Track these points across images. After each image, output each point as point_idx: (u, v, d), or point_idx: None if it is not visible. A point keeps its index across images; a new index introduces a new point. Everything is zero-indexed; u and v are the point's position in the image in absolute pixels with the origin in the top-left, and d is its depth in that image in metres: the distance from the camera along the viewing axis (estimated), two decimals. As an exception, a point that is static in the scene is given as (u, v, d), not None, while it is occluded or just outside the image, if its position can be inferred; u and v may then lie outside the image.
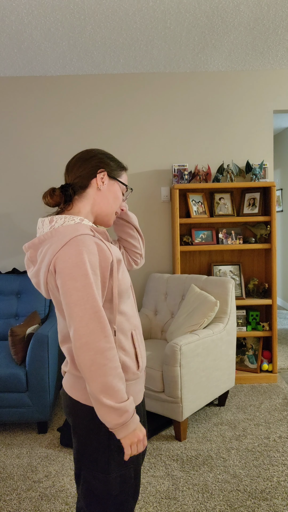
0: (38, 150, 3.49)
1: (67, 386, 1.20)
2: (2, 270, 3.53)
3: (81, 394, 1.16)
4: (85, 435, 1.16)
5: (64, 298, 1.05)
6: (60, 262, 1.06)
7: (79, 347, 1.03)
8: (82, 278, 1.04)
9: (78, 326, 1.03)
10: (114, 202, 1.26)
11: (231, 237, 3.38)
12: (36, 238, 1.16)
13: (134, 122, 3.49)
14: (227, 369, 2.80)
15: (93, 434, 1.14)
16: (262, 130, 3.51)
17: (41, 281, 1.13)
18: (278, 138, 6.02)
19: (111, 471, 1.15)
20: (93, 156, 1.23)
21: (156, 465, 2.28)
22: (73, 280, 1.04)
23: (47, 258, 1.09)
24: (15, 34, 2.72)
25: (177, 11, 2.51)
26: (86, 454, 1.17)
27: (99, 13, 2.51)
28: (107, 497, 1.16)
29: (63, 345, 1.21)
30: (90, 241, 1.08)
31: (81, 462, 1.19)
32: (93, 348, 1.02)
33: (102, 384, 1.02)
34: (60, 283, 1.06)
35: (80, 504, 1.25)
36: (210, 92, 3.49)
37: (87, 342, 1.02)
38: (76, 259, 1.04)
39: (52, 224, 1.15)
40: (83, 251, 1.05)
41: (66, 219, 1.15)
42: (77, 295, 1.03)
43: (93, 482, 1.16)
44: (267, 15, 2.59)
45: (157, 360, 2.60)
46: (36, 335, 2.57)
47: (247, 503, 1.96)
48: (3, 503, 2.01)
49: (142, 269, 3.57)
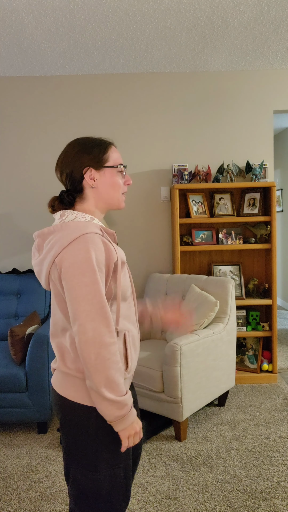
0: (38, 150, 3.49)
1: (56, 384, 1.21)
2: (2, 270, 3.53)
3: (69, 392, 1.16)
4: (73, 432, 1.16)
5: (70, 293, 1.06)
6: (68, 257, 1.07)
7: (84, 341, 1.05)
8: (90, 273, 1.06)
9: (84, 320, 1.05)
10: (114, 189, 1.23)
11: (231, 237, 3.38)
12: (46, 228, 1.17)
13: (134, 122, 3.49)
14: (227, 369, 2.80)
15: (81, 431, 1.15)
16: (262, 130, 3.51)
17: (43, 271, 1.14)
18: (278, 138, 6.02)
19: (100, 470, 1.15)
20: (75, 154, 1.19)
21: (156, 465, 2.28)
22: (81, 275, 1.05)
23: (54, 250, 1.10)
24: (15, 34, 2.72)
25: (177, 11, 2.51)
26: (74, 452, 1.17)
27: (99, 13, 2.51)
28: (97, 496, 1.15)
29: (54, 339, 1.21)
30: (98, 240, 1.09)
31: (70, 460, 1.19)
32: (98, 343, 1.04)
33: (105, 378, 1.05)
34: (67, 277, 1.07)
35: (71, 504, 1.24)
36: (210, 92, 3.49)
37: (93, 337, 1.04)
38: (85, 255, 1.06)
39: (62, 218, 1.17)
40: (91, 248, 1.07)
41: (77, 215, 1.17)
42: (85, 290, 1.05)
43: (82, 481, 1.16)
44: (267, 15, 2.59)
45: (157, 360, 2.60)
46: (35, 335, 2.57)
47: (247, 503, 1.96)
48: (3, 503, 2.01)
49: (142, 269, 3.57)
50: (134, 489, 2.08)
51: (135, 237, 3.55)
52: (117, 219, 3.54)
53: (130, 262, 3.57)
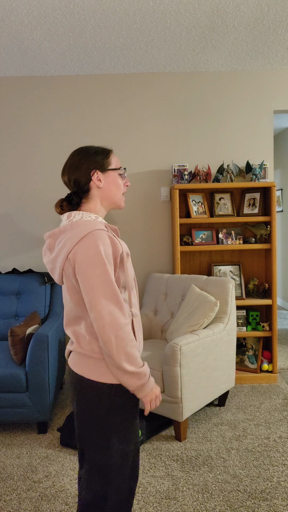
0: (38, 150, 3.49)
1: (72, 364, 1.34)
2: (2, 270, 3.53)
3: (85, 370, 1.29)
4: (88, 409, 1.29)
5: (85, 284, 1.21)
6: (80, 252, 1.21)
7: (102, 325, 1.19)
8: (101, 265, 1.20)
9: (100, 307, 1.19)
10: (117, 189, 1.39)
11: (231, 237, 3.38)
12: (56, 229, 1.32)
13: (134, 122, 3.49)
14: (227, 369, 2.80)
15: (95, 408, 1.28)
16: (262, 130, 3.51)
17: (57, 267, 1.28)
18: (278, 138, 6.02)
19: (112, 445, 1.29)
20: (81, 159, 1.34)
21: (156, 465, 2.28)
22: (93, 268, 1.19)
23: (67, 247, 1.24)
24: (15, 34, 2.72)
25: (177, 11, 2.51)
26: (89, 426, 1.30)
27: (99, 13, 2.51)
28: (109, 470, 1.29)
29: (68, 328, 1.35)
30: (105, 235, 1.24)
31: (84, 437, 1.32)
32: (114, 325, 1.19)
33: (124, 354, 1.20)
34: (82, 270, 1.21)
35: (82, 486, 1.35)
36: (210, 92, 3.49)
37: (110, 321, 1.19)
38: (95, 249, 1.20)
39: (70, 218, 1.30)
40: (100, 243, 1.21)
41: (84, 215, 1.31)
42: (98, 280, 1.19)
43: (96, 458, 1.30)
44: (267, 15, 2.59)
45: (157, 360, 2.60)
46: (36, 335, 2.57)
47: (247, 503, 1.96)
48: (3, 503, 2.01)
49: (142, 269, 3.57)
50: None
51: (135, 237, 3.55)
52: (117, 219, 3.54)
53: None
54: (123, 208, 3.52)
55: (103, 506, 1.31)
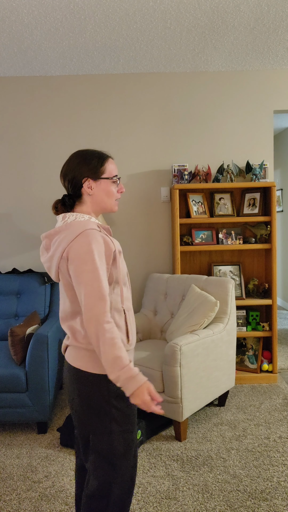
0: (38, 150, 3.49)
1: (70, 358, 1.39)
2: (2, 270, 3.53)
3: (81, 363, 1.35)
4: (88, 400, 1.35)
5: (76, 279, 1.27)
6: (73, 250, 1.28)
7: (87, 318, 1.25)
8: (91, 262, 1.26)
9: (87, 301, 1.25)
10: (108, 197, 1.43)
11: (231, 237, 3.38)
12: (52, 230, 1.38)
13: (134, 122, 3.49)
14: (227, 369, 2.80)
15: (94, 397, 1.34)
16: (262, 130, 3.51)
17: (53, 266, 1.35)
18: (278, 138, 6.02)
19: (114, 432, 1.35)
20: (76, 165, 1.40)
21: (156, 465, 2.28)
22: (84, 264, 1.26)
23: (62, 246, 1.31)
24: (15, 34, 2.72)
25: (177, 11, 2.51)
26: (90, 418, 1.36)
27: (99, 13, 2.51)
28: (113, 456, 1.35)
29: (64, 323, 1.41)
30: (97, 234, 1.31)
31: (88, 428, 1.37)
32: (97, 320, 1.24)
33: (103, 351, 1.23)
34: (73, 267, 1.27)
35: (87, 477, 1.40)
36: (210, 92, 3.49)
37: (93, 315, 1.24)
38: (87, 247, 1.27)
39: (65, 219, 1.38)
40: (92, 241, 1.28)
41: (77, 216, 1.38)
42: (87, 276, 1.26)
43: (100, 445, 1.36)
44: (267, 15, 2.59)
45: (157, 360, 2.60)
46: (36, 335, 2.57)
47: (247, 503, 1.96)
48: (3, 503, 2.01)
49: (142, 269, 3.57)
50: (134, 489, 2.08)
51: (135, 237, 3.55)
52: (117, 219, 3.54)
53: (130, 262, 3.57)
54: (123, 208, 3.52)
55: (108, 494, 1.36)
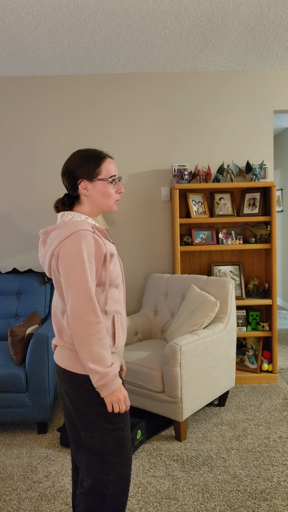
0: (38, 150, 3.49)
1: (57, 357, 1.41)
2: (2, 270, 3.53)
3: (68, 363, 1.35)
4: (77, 398, 1.35)
5: (64, 279, 1.28)
6: (64, 250, 1.28)
7: (73, 319, 1.25)
8: (80, 264, 1.26)
9: (73, 302, 1.25)
10: (104, 198, 1.42)
11: (231, 237, 3.38)
12: (49, 226, 1.39)
13: (134, 122, 3.49)
14: (227, 369, 2.80)
15: (82, 396, 1.34)
16: (262, 130, 3.51)
17: (46, 262, 1.36)
18: (278, 138, 6.02)
19: (105, 429, 1.34)
20: (73, 166, 1.40)
21: (156, 465, 2.28)
22: (73, 265, 1.26)
23: (54, 244, 1.32)
24: (15, 34, 2.72)
25: (177, 11, 2.51)
26: (80, 416, 1.36)
27: (99, 13, 2.51)
28: (104, 454, 1.35)
29: (54, 319, 1.41)
30: (89, 236, 1.30)
31: (79, 425, 1.37)
32: (84, 321, 1.25)
33: (89, 351, 1.24)
34: (62, 266, 1.28)
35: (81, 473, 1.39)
36: (210, 92, 3.49)
37: (80, 316, 1.25)
38: (77, 248, 1.27)
39: (63, 218, 1.39)
40: (83, 242, 1.28)
41: (74, 215, 1.38)
42: (75, 277, 1.26)
43: (91, 441, 1.35)
44: (267, 15, 2.59)
45: (157, 360, 2.60)
46: (36, 335, 2.57)
47: (247, 503, 1.96)
48: (3, 503, 2.01)
49: (142, 269, 3.57)
50: (134, 489, 2.08)
51: (135, 237, 3.55)
52: (117, 219, 3.54)
53: (130, 262, 3.57)
54: (123, 207, 3.52)
55: (103, 492, 1.35)
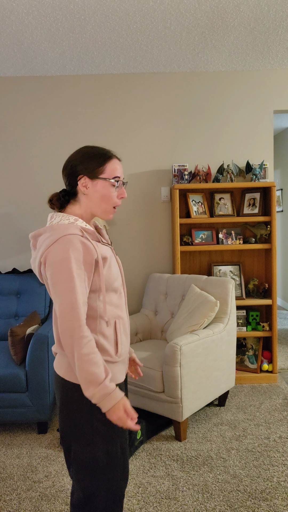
0: (38, 150, 3.49)
1: (55, 365, 1.34)
2: (2, 270, 3.53)
3: (64, 371, 1.29)
4: (71, 410, 1.28)
5: (51, 288, 1.21)
6: (50, 257, 1.20)
7: (62, 330, 1.18)
8: (66, 271, 1.18)
9: (62, 312, 1.18)
10: (102, 201, 1.31)
11: (231, 237, 3.38)
12: (37, 230, 1.31)
13: (134, 122, 3.49)
14: (227, 369, 2.80)
15: (78, 408, 1.27)
16: (262, 130, 3.51)
17: (36, 268, 1.30)
18: (278, 138, 6.02)
19: (97, 444, 1.26)
20: (70, 163, 1.31)
21: (156, 465, 2.28)
22: (59, 273, 1.18)
23: (41, 250, 1.24)
24: (15, 34, 2.72)
25: (177, 11, 2.51)
26: (72, 428, 1.28)
27: (99, 13, 2.51)
28: (96, 469, 1.27)
29: (54, 325, 1.35)
30: (76, 240, 1.21)
31: (69, 436, 1.30)
32: (70, 334, 1.17)
33: (78, 366, 1.16)
34: (49, 274, 1.20)
35: (73, 486, 1.34)
36: (210, 92, 3.49)
37: (67, 328, 1.17)
38: (63, 255, 1.18)
39: (51, 220, 1.30)
40: (69, 248, 1.19)
41: (62, 217, 1.28)
42: (62, 285, 1.18)
43: (82, 455, 1.28)
44: (267, 15, 2.59)
45: (157, 360, 2.60)
46: (36, 335, 2.57)
47: (247, 503, 1.96)
48: (3, 503, 2.01)
49: (142, 269, 3.57)
50: (134, 489, 2.08)
51: (135, 237, 3.55)
52: (117, 219, 3.54)
53: (130, 262, 3.57)
54: (123, 207, 3.52)
55: (93, 505, 1.29)
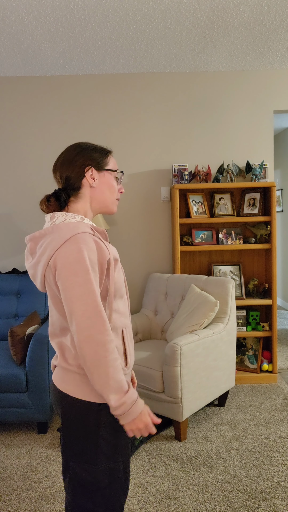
0: (38, 150, 3.49)
1: (56, 379, 1.22)
2: (2, 270, 3.53)
3: (70, 387, 1.17)
4: (73, 427, 1.17)
5: (65, 293, 1.08)
6: (61, 258, 1.09)
7: (82, 340, 1.06)
8: (83, 273, 1.07)
9: (80, 319, 1.06)
10: (110, 192, 1.27)
11: (231, 237, 3.38)
12: (37, 231, 1.19)
13: (134, 122, 3.49)
14: (227, 369, 2.80)
15: (81, 426, 1.16)
16: (262, 130, 3.51)
17: (38, 274, 1.17)
18: (278, 138, 6.02)
19: (99, 463, 1.16)
20: (77, 154, 1.23)
21: (156, 465, 2.28)
22: (74, 276, 1.07)
23: (47, 253, 1.12)
24: (15, 34, 2.72)
25: (177, 11, 2.51)
26: (74, 446, 1.18)
27: (99, 13, 2.51)
28: (96, 489, 1.17)
29: (53, 339, 1.23)
30: (89, 239, 1.11)
31: (70, 454, 1.20)
32: (95, 341, 1.06)
33: (104, 375, 1.06)
34: (62, 278, 1.08)
35: (67, 499, 1.25)
36: (210, 92, 3.49)
37: (90, 335, 1.06)
38: (77, 255, 1.08)
39: (53, 220, 1.18)
40: (83, 248, 1.09)
41: (67, 216, 1.17)
42: (79, 290, 1.07)
43: (81, 474, 1.17)
44: (267, 15, 2.59)
45: (157, 360, 2.60)
46: (36, 335, 2.57)
47: (247, 503, 1.96)
48: (3, 503, 2.01)
49: (142, 269, 3.57)
50: (134, 489, 2.08)
51: (135, 237, 3.55)
52: (117, 219, 3.54)
53: (130, 262, 3.57)
54: (123, 207, 3.52)
55: None
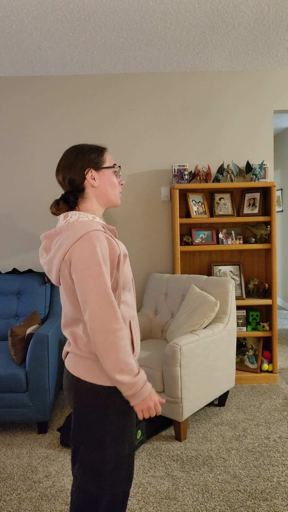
0: (38, 150, 3.49)
1: (69, 365, 1.32)
2: (2, 270, 3.53)
3: (81, 372, 1.27)
4: (83, 410, 1.27)
5: (79, 285, 1.19)
6: (76, 253, 1.19)
7: (93, 327, 1.17)
8: (96, 267, 1.18)
9: (93, 309, 1.17)
10: (112, 188, 1.37)
11: (231, 237, 3.38)
12: (53, 229, 1.29)
13: (134, 122, 3.49)
14: (227, 369, 2.80)
15: (91, 409, 1.26)
16: (262, 130, 3.51)
17: (53, 269, 1.27)
18: (278, 138, 6.02)
19: (107, 446, 1.26)
20: (76, 157, 1.32)
21: (156, 465, 2.28)
22: (88, 269, 1.18)
23: (63, 249, 1.22)
24: (15, 34, 2.72)
25: (177, 11, 2.51)
26: (84, 429, 1.28)
27: (99, 13, 2.51)
28: (103, 472, 1.26)
29: (66, 329, 1.33)
30: (102, 236, 1.22)
31: (79, 438, 1.29)
32: (106, 329, 1.16)
33: (115, 360, 1.16)
34: (76, 271, 1.19)
35: (74, 486, 1.33)
36: (210, 92, 3.49)
37: (101, 324, 1.16)
38: (91, 250, 1.18)
39: (67, 219, 1.29)
40: (96, 244, 1.19)
41: (80, 215, 1.29)
42: (92, 282, 1.17)
43: (90, 457, 1.27)
44: (267, 15, 2.59)
45: (157, 360, 2.60)
46: (36, 335, 2.57)
47: (247, 503, 1.96)
48: (3, 503, 2.01)
49: (142, 269, 3.57)
50: (134, 489, 2.08)
51: (135, 237, 3.55)
52: (117, 219, 3.54)
53: (130, 262, 3.57)
54: (123, 207, 3.52)
55: (96, 506, 1.28)
